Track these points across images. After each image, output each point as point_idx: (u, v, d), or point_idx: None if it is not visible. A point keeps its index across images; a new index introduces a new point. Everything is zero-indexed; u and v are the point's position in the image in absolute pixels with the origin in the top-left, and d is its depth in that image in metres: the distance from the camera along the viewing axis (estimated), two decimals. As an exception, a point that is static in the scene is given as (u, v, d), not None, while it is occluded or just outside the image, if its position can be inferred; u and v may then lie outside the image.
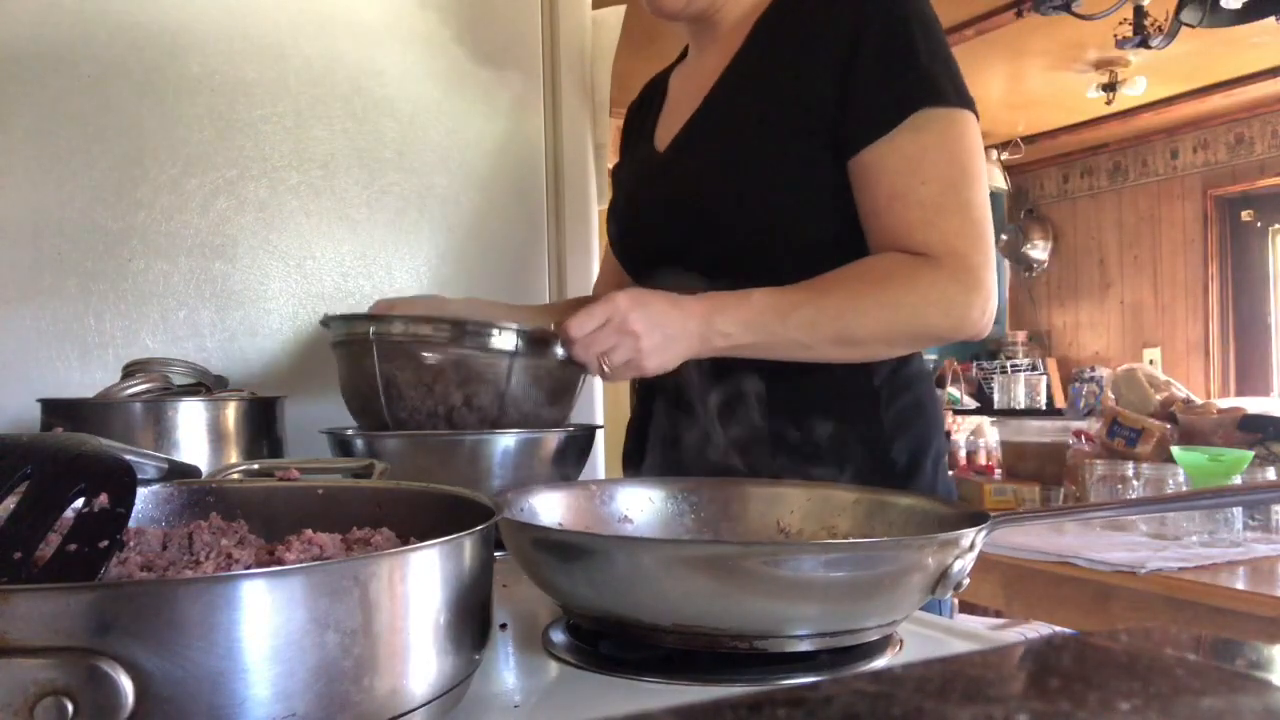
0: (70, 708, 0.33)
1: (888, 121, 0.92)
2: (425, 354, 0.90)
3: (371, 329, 0.91)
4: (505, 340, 0.91)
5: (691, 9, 1.06)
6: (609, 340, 0.87)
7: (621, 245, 1.18)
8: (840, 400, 0.99)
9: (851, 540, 0.73)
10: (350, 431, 0.98)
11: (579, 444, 0.99)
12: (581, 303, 1.31)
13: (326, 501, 0.62)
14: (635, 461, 1.15)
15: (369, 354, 0.91)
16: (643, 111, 1.22)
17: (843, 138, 0.95)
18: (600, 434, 1.25)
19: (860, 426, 0.99)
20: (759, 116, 0.99)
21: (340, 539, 0.54)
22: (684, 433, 1.05)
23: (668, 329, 0.88)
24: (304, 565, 0.40)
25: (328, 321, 1.00)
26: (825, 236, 0.98)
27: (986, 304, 0.92)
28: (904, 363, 1.03)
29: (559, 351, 0.91)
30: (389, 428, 0.93)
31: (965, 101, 0.94)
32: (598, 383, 1.53)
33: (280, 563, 0.49)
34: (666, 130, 1.11)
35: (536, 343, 0.92)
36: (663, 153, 1.09)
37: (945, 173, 0.92)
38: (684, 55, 1.21)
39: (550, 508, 0.77)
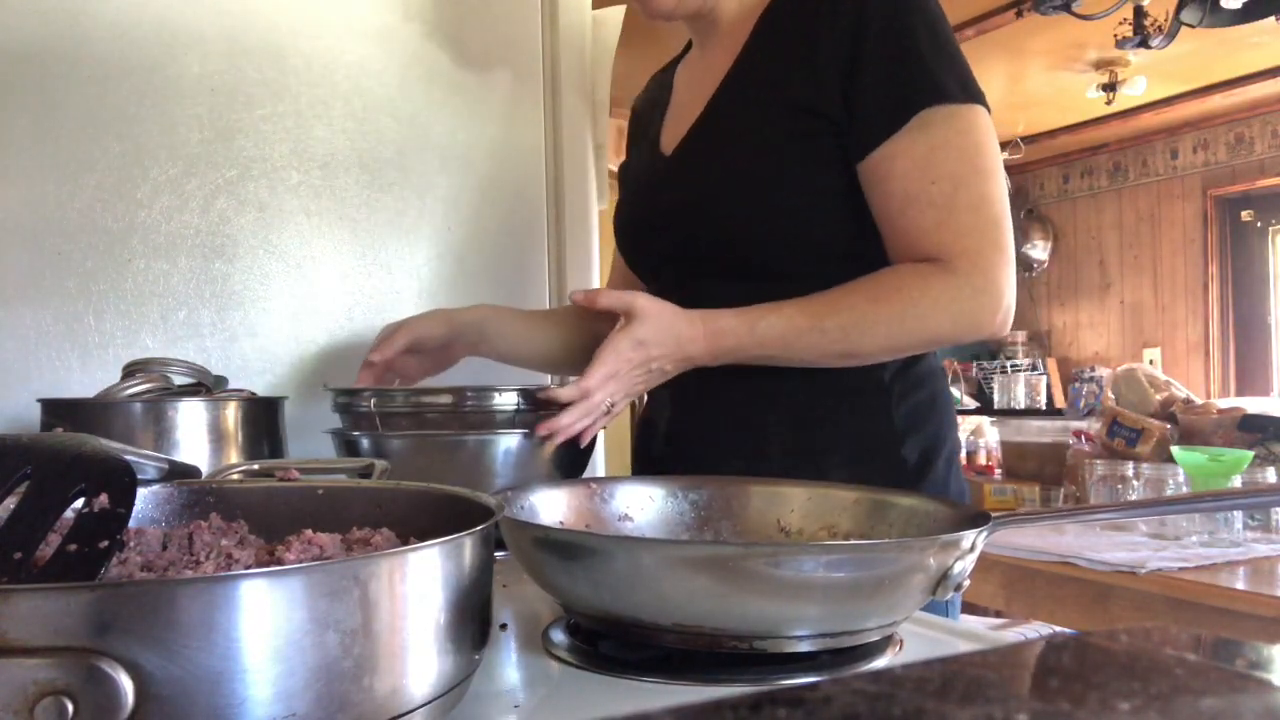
0: (70, 708, 0.33)
1: (892, 124, 0.91)
2: (428, 428, 0.94)
3: (372, 402, 0.94)
4: (507, 406, 0.94)
5: (684, 9, 1.04)
6: (613, 388, 0.91)
7: (631, 251, 1.16)
8: (850, 397, 0.98)
9: (852, 542, 0.73)
10: (351, 432, 0.98)
11: (579, 445, 0.99)
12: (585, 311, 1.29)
13: (326, 501, 0.62)
14: (643, 459, 1.15)
15: (371, 424, 0.94)
16: (649, 110, 1.20)
17: (850, 141, 0.94)
18: (600, 434, 1.25)
19: (870, 424, 0.98)
20: (764, 121, 0.98)
21: (340, 539, 0.54)
22: (691, 431, 1.06)
23: (668, 365, 0.93)
24: (304, 565, 0.40)
25: (330, 390, 1.02)
26: (836, 238, 0.98)
27: (998, 304, 0.91)
28: (916, 359, 1.01)
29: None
30: None
31: (973, 96, 0.92)
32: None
33: (280, 563, 0.49)
34: (673, 132, 1.10)
35: (542, 406, 0.94)
36: (669, 156, 1.07)
37: (955, 170, 0.90)
38: (689, 48, 1.19)
39: (550, 506, 0.77)
